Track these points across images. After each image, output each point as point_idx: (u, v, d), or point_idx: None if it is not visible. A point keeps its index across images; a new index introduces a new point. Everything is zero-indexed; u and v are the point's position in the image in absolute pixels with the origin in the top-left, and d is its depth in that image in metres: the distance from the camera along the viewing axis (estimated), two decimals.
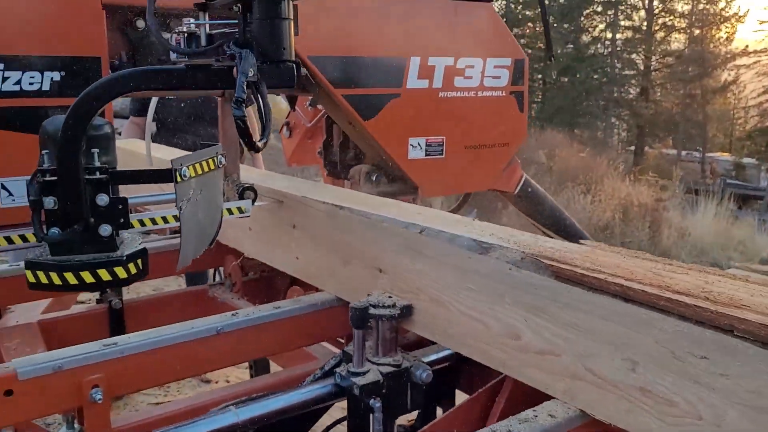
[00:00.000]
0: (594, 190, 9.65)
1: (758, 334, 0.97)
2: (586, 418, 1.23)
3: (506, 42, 2.70)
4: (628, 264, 1.28)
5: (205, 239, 1.67)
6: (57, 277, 1.45)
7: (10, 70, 1.74)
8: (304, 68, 2.22)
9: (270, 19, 1.42)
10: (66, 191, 1.41)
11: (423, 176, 2.55)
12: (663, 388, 1.09)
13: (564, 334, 1.24)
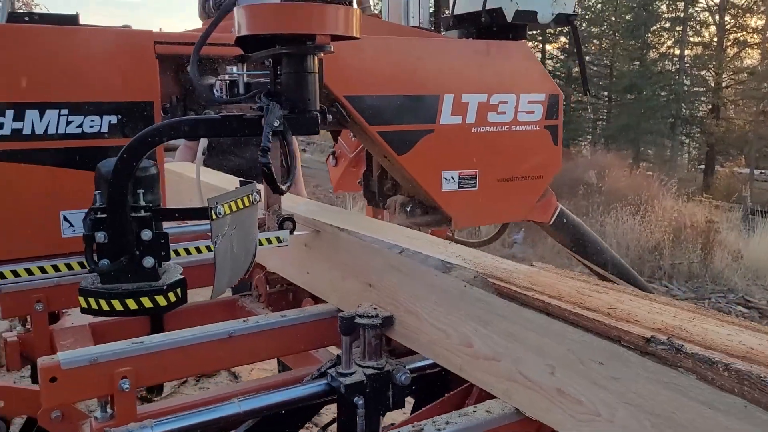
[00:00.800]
0: (643, 210, 9.47)
1: (638, 344, 1.15)
2: (520, 416, 1.42)
3: (540, 78, 2.78)
4: (561, 284, 1.46)
5: (239, 270, 1.82)
6: (105, 303, 1.63)
7: (73, 115, 1.94)
8: (340, 107, 2.37)
9: (296, 72, 1.57)
10: (114, 227, 1.58)
11: (456, 208, 2.64)
12: (573, 390, 1.28)
13: (504, 343, 1.44)
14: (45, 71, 1.90)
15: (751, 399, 0.98)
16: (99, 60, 1.96)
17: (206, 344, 1.83)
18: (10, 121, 1.86)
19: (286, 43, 1.54)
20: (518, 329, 1.39)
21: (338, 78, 2.32)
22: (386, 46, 2.40)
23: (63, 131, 1.93)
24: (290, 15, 1.47)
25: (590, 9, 30.87)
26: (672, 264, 8.45)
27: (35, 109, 1.89)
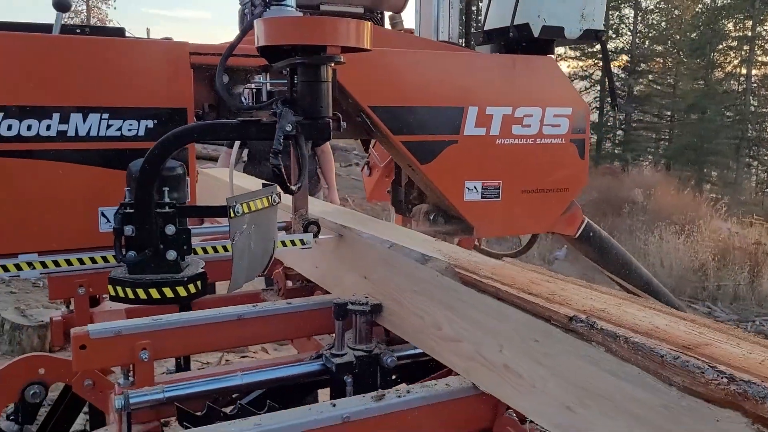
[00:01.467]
0: (688, 230, 9.23)
1: (563, 322, 1.31)
2: (476, 391, 1.60)
3: (566, 92, 2.82)
4: (518, 275, 1.62)
5: (256, 267, 1.93)
6: (131, 291, 1.76)
7: (113, 119, 2.10)
8: (365, 117, 2.47)
9: (310, 81, 1.68)
10: (140, 221, 1.71)
11: (478, 218, 2.70)
12: (515, 365, 1.45)
13: (465, 326, 1.61)
14: (90, 78, 2.07)
15: (643, 367, 1.13)
16: (138, 69, 2.12)
17: (218, 324, 2.02)
18: (56, 124, 2.03)
19: (301, 53, 1.65)
20: (477, 314, 1.56)
21: (364, 89, 2.43)
22: (411, 59, 2.50)
23: (104, 134, 2.09)
24: (303, 27, 1.59)
25: (654, 27, 30.31)
26: (717, 286, 8.22)
27: (79, 113, 2.05)
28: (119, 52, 2.12)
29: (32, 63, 2.00)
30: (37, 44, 2.02)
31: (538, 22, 2.72)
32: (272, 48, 1.75)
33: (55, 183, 2.06)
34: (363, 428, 1.53)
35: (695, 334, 1.22)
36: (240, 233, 1.80)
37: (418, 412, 1.59)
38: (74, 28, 2.34)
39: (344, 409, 1.52)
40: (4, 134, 1.98)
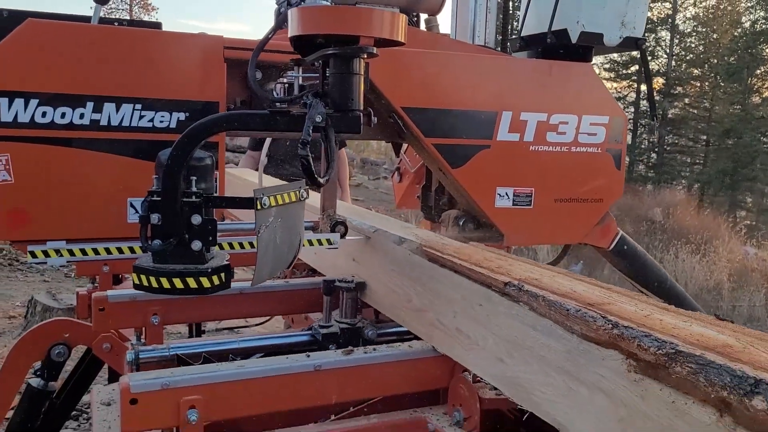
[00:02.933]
0: (704, 250, 9.10)
1: (499, 287, 1.56)
2: (435, 353, 1.86)
3: (604, 100, 2.76)
4: (476, 254, 1.88)
5: (282, 262, 1.90)
6: (155, 280, 1.74)
7: (145, 110, 2.10)
8: (397, 117, 2.44)
9: (342, 73, 1.66)
10: (166, 210, 1.70)
11: (509, 225, 2.65)
12: (464, 327, 1.69)
13: (429, 297, 1.87)
14: (124, 69, 2.07)
15: (554, 320, 1.38)
16: (173, 61, 2.12)
17: (221, 296, 2.02)
18: (89, 112, 2.04)
19: (334, 44, 1.62)
20: (438, 285, 1.83)
21: (396, 90, 2.40)
22: (445, 61, 2.47)
23: (136, 124, 2.09)
24: (337, 16, 1.57)
25: (691, 50, 29.97)
26: (733, 306, 8.08)
27: (112, 102, 2.06)
28: (154, 44, 2.12)
29: (69, 52, 2.01)
30: (75, 33, 2.03)
31: (576, 28, 2.67)
32: (305, 40, 1.73)
33: (86, 171, 2.06)
34: (331, 376, 1.79)
35: (604, 297, 1.46)
36: (266, 226, 1.78)
37: (381, 367, 1.84)
38: (112, 21, 2.36)
39: (317, 360, 1.78)
40: (38, 121, 1.99)
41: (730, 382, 1.00)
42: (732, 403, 0.99)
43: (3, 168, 1.99)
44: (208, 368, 1.75)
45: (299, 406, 1.81)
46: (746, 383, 0.98)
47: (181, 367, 1.86)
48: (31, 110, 1.97)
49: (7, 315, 5.56)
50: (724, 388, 1.00)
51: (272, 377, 1.73)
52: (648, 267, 3.03)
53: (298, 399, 1.77)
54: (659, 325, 1.25)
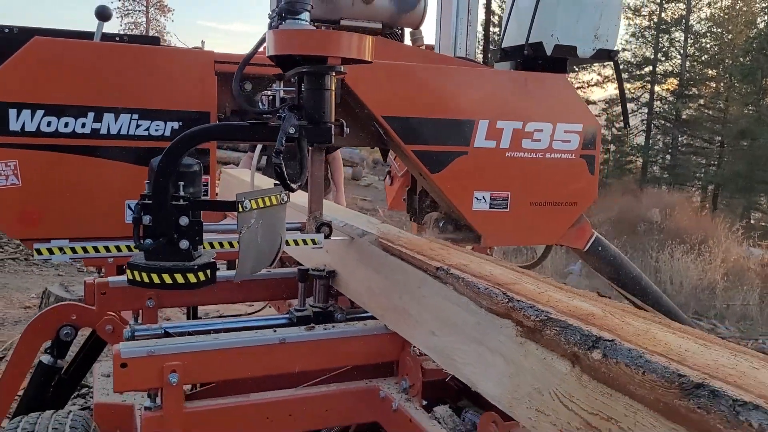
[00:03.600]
0: (699, 249, 9.18)
1: (432, 271, 1.85)
2: (387, 330, 2.17)
3: (577, 109, 2.91)
4: (424, 245, 2.17)
5: (263, 260, 2.07)
6: (146, 276, 1.93)
7: (142, 120, 2.29)
8: (378, 125, 2.61)
9: (315, 89, 1.83)
10: (157, 212, 1.88)
11: (486, 227, 2.81)
12: (408, 306, 1.99)
13: (383, 282, 2.15)
14: (122, 82, 2.26)
15: (470, 297, 1.66)
16: (167, 75, 2.31)
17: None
18: (90, 122, 2.23)
19: (307, 63, 1.80)
20: (390, 272, 2.10)
21: (378, 99, 2.57)
22: (423, 73, 2.63)
23: (133, 133, 2.28)
24: (306, 39, 1.74)
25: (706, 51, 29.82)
26: (727, 305, 8.18)
27: (111, 113, 2.25)
28: (150, 59, 2.31)
29: (71, 66, 2.20)
30: (77, 50, 2.22)
31: (551, 41, 2.82)
32: (285, 58, 1.91)
33: (87, 176, 2.25)
34: (294, 348, 2.12)
35: (514, 279, 1.74)
36: (248, 227, 1.95)
37: (339, 341, 2.18)
38: (114, 36, 2.54)
39: (282, 334, 2.13)
40: (43, 130, 2.19)
41: (579, 339, 1.29)
42: (579, 356, 1.28)
43: (12, 173, 2.19)
44: (188, 339, 2.05)
45: (266, 373, 2.13)
46: (590, 340, 1.27)
47: (165, 338, 2.13)
48: (37, 120, 2.17)
49: (23, 305, 5.94)
50: (576, 345, 1.29)
51: (243, 348, 2.05)
52: (623, 267, 3.18)
53: (266, 367, 2.10)
54: (545, 299, 1.53)
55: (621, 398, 1.19)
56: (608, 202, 13.53)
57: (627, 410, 1.17)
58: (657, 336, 1.31)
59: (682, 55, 28.88)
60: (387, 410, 2.15)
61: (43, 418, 1.97)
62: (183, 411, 1.97)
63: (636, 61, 29.57)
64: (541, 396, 1.40)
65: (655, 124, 29.35)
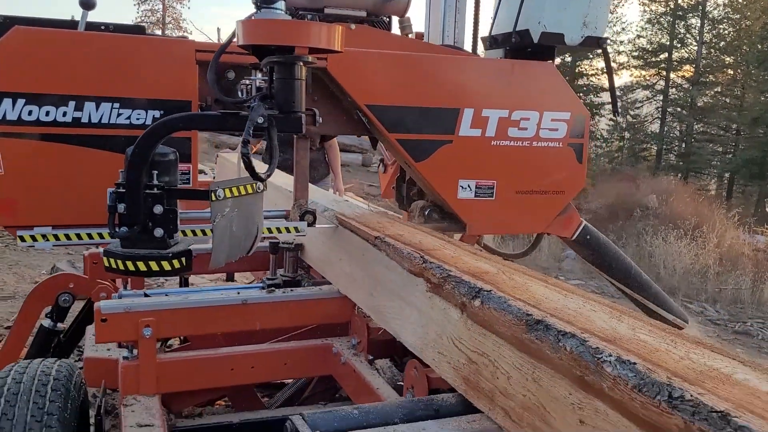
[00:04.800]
0: (693, 235, 9.15)
1: (373, 240, 2.15)
2: (340, 294, 2.53)
3: (565, 97, 2.89)
4: (373, 219, 2.46)
5: (239, 248, 2.09)
6: (122, 263, 1.95)
7: (123, 108, 2.31)
8: (362, 115, 2.61)
9: (284, 79, 1.83)
10: (130, 200, 1.90)
11: (471, 215, 2.81)
12: (355, 273, 2.34)
13: (338, 252, 2.49)
14: (104, 70, 2.27)
15: (397, 261, 1.95)
16: (149, 64, 2.32)
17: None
18: (71, 111, 2.25)
19: (277, 53, 1.80)
20: (343, 243, 2.41)
21: (361, 88, 2.57)
22: (406, 61, 2.62)
23: (114, 121, 2.30)
24: (273, 29, 1.74)
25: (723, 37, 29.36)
26: (719, 289, 8.18)
27: (93, 101, 2.26)
28: (132, 48, 2.32)
29: (52, 55, 2.21)
30: (57, 39, 2.24)
31: (538, 28, 2.80)
32: (259, 48, 1.91)
33: (69, 164, 2.27)
34: (256, 308, 2.44)
35: (437, 246, 2.03)
36: (222, 215, 1.97)
37: (296, 303, 2.51)
38: (99, 25, 2.56)
39: (244, 295, 2.45)
40: (24, 118, 2.21)
41: (466, 291, 1.59)
42: (466, 304, 1.58)
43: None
44: (161, 299, 2.37)
45: (230, 329, 2.52)
46: (474, 291, 1.57)
47: (141, 297, 2.37)
48: (18, 109, 2.19)
49: (33, 280, 6.27)
50: (464, 296, 1.59)
51: (209, 307, 2.37)
52: (611, 255, 3.16)
53: (229, 325, 2.44)
54: (453, 261, 1.81)
55: (491, 336, 1.49)
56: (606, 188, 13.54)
57: (494, 345, 1.48)
58: (530, 288, 1.60)
59: (698, 41, 28.47)
60: (337, 364, 2.50)
61: (33, 365, 2.12)
62: (156, 361, 2.27)
63: (652, 47, 29.18)
64: (441, 340, 1.72)
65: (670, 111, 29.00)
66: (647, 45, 29.51)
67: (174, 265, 1.98)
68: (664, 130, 28.78)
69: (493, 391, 1.48)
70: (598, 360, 1.15)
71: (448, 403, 1.72)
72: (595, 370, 1.15)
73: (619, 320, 1.37)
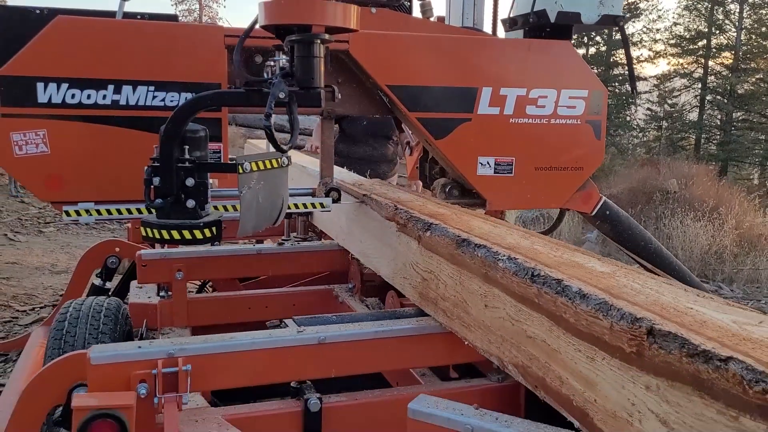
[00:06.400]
0: (710, 217, 9.08)
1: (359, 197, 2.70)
2: (339, 248, 3.16)
3: (583, 75, 2.95)
4: (366, 182, 3.11)
5: (265, 218, 2.23)
6: (157, 232, 2.11)
7: (158, 91, 2.46)
8: (384, 95, 2.73)
9: (304, 56, 1.96)
10: (164, 173, 2.05)
11: (491, 191, 2.90)
12: (352, 229, 2.87)
13: (338, 212, 2.90)
14: (140, 56, 2.43)
15: (378, 211, 2.46)
16: (181, 49, 2.47)
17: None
18: (110, 94, 2.41)
19: (296, 32, 1.93)
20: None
21: (382, 69, 2.68)
22: (426, 42, 2.72)
23: (150, 103, 2.45)
24: (289, 8, 1.86)
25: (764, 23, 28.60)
26: (737, 270, 8.16)
27: (130, 85, 2.42)
28: (165, 34, 2.47)
29: (92, 42, 2.38)
30: (97, 27, 2.40)
31: (554, 7, 2.87)
32: (282, 28, 2.04)
33: (109, 143, 2.44)
34: (267, 258, 3.15)
35: (411, 199, 2.55)
36: (248, 187, 2.11)
37: (301, 254, 3.23)
38: (135, 14, 2.72)
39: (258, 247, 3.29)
40: (68, 101, 2.38)
41: (422, 226, 2.10)
42: (421, 236, 2.09)
43: (41, 141, 2.39)
44: (189, 249, 2.96)
45: (247, 275, 3.34)
46: (427, 225, 2.08)
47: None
48: (62, 93, 2.36)
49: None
50: (420, 230, 2.10)
51: (229, 256, 3.07)
52: (631, 230, 3.21)
53: (246, 271, 3.25)
54: (420, 209, 2.30)
55: (435, 257, 1.98)
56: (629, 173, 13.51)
57: (438, 264, 1.97)
58: (470, 223, 2.10)
59: (738, 27, 27.79)
60: (337, 304, 3.02)
61: (88, 300, 2.62)
62: (187, 299, 2.90)
63: (689, 35, 28.59)
64: (405, 268, 2.23)
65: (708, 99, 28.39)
66: (684, 32, 28.92)
67: (205, 234, 2.13)
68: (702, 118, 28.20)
69: (436, 298, 2.01)
70: (496, 260, 1.65)
71: (407, 312, 2.28)
72: (493, 266, 1.65)
73: (526, 239, 1.87)
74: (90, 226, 8.42)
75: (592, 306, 1.28)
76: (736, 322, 1.15)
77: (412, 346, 2.06)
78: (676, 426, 1.06)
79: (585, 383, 1.31)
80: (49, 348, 2.38)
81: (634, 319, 1.17)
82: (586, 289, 1.34)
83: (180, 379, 1.70)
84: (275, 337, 1.93)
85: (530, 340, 1.51)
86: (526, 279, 1.50)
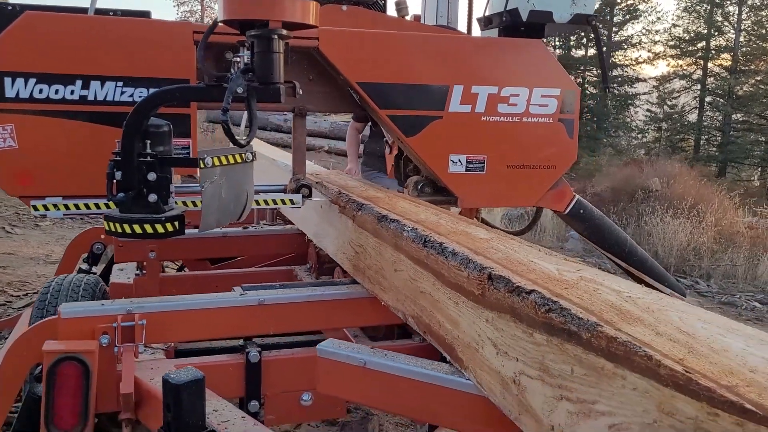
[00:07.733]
0: (689, 214, 9.15)
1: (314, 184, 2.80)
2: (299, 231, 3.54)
3: (555, 74, 2.96)
4: (324, 172, 3.49)
5: (228, 214, 2.24)
6: (119, 227, 2.12)
7: (126, 87, 2.47)
8: (353, 92, 2.74)
9: (263, 52, 1.97)
10: (126, 167, 2.06)
11: (462, 189, 2.91)
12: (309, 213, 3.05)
13: (312, 214, 3.02)
14: (108, 51, 2.44)
15: (326, 196, 2.74)
16: (150, 45, 2.48)
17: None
18: (78, 89, 2.42)
19: (255, 27, 1.94)
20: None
21: (352, 66, 2.69)
22: (397, 40, 2.74)
23: (118, 99, 2.47)
24: (248, 4, 1.87)
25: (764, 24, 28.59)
26: (715, 266, 8.30)
27: (98, 80, 2.43)
28: (134, 30, 2.48)
29: (60, 38, 2.39)
30: (64, 23, 2.41)
31: (527, 6, 2.88)
32: (243, 24, 2.05)
33: (76, 139, 2.45)
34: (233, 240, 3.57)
35: (356, 185, 2.83)
36: (210, 182, 2.12)
37: (263, 237, 3.63)
38: (107, 11, 2.73)
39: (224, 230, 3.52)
40: (36, 96, 2.39)
41: (355, 207, 2.38)
42: (355, 215, 2.36)
43: (9, 136, 2.40)
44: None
45: (214, 256, 3.72)
46: (359, 205, 2.36)
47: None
48: (30, 88, 2.37)
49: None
50: (354, 210, 2.38)
51: (197, 238, 3.35)
52: (605, 230, 3.22)
53: (213, 252, 3.59)
54: (359, 193, 2.59)
55: (364, 233, 2.26)
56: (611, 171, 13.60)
57: (366, 239, 2.25)
58: (397, 204, 2.38)
59: (737, 29, 27.78)
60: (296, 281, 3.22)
61: (69, 276, 2.84)
62: (159, 277, 3.28)
63: (688, 36, 28.58)
64: (344, 245, 2.52)
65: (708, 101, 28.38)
66: (684, 34, 28.91)
67: (167, 228, 2.14)
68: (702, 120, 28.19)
69: (365, 267, 2.30)
70: (402, 230, 1.94)
71: (342, 281, 2.60)
72: (400, 236, 1.93)
73: (436, 215, 2.19)
74: (85, 219, 8.64)
75: (458, 261, 1.60)
76: (559, 270, 1.47)
77: (342, 308, 2.36)
78: (501, 347, 1.41)
79: (453, 323, 1.65)
80: (33, 317, 2.61)
81: (482, 268, 1.50)
82: (458, 249, 1.65)
83: (136, 331, 2.00)
84: (221, 299, 2.24)
85: (422, 295, 1.83)
86: (420, 244, 1.81)
